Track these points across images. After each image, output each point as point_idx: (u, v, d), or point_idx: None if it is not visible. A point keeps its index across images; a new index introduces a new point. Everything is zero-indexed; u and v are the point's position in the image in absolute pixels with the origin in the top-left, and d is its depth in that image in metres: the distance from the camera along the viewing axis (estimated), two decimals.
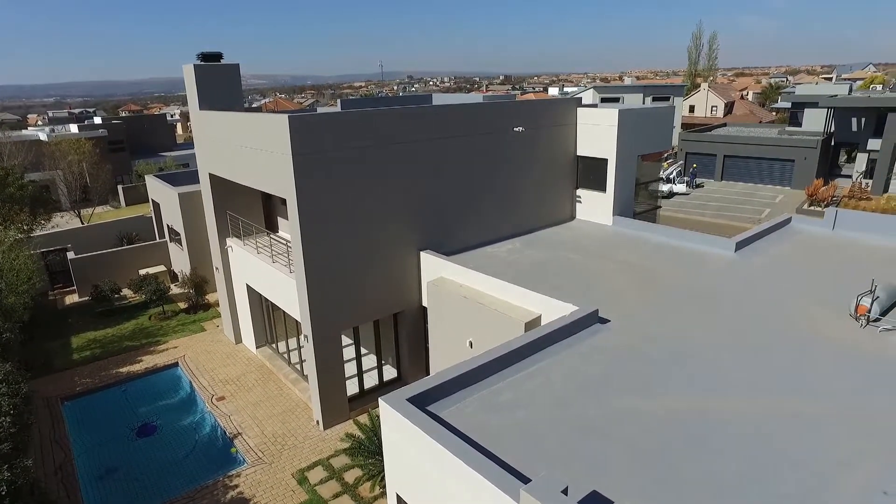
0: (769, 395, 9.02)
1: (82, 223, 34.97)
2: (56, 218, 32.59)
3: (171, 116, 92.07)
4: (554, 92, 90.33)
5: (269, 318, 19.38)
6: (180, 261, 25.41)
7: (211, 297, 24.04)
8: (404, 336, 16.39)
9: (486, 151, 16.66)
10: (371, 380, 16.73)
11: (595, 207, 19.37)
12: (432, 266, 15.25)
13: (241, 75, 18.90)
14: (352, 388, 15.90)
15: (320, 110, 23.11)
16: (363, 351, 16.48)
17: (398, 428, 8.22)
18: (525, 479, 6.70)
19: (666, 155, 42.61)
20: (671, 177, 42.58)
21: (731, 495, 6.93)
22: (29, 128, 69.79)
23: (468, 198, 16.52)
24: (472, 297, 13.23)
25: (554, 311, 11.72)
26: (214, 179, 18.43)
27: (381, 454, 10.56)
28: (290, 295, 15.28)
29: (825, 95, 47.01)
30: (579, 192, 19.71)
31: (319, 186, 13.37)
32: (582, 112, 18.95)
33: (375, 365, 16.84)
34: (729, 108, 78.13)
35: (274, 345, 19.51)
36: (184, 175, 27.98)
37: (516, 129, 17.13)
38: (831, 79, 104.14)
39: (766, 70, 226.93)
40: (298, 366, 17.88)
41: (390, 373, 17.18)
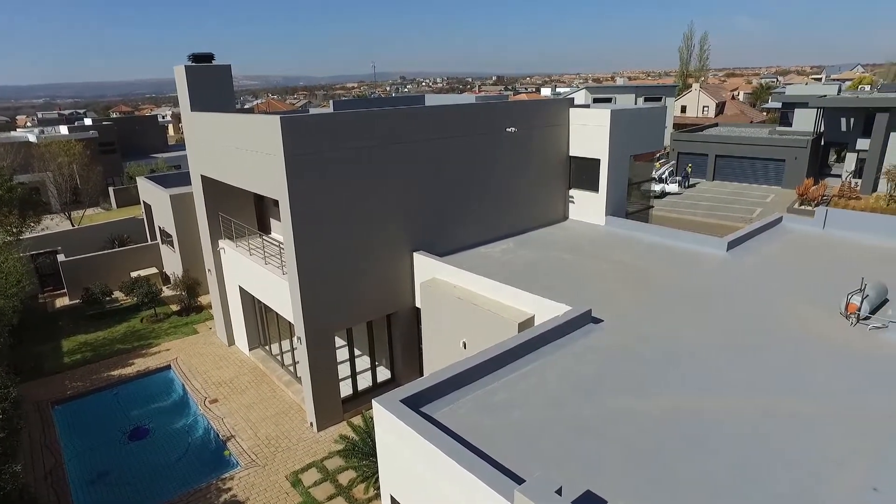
0: (761, 394, 9.07)
1: (73, 225, 34.68)
2: (46, 220, 32.26)
3: (163, 118, 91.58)
4: (546, 92, 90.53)
5: (262, 320, 19.29)
6: (172, 263, 25.26)
7: (203, 300, 23.90)
8: (398, 337, 16.36)
9: (480, 152, 16.67)
10: (365, 381, 16.70)
11: (588, 207, 19.43)
12: (425, 267, 15.24)
13: (233, 76, 18.82)
14: (345, 389, 15.86)
15: (312, 111, 23.06)
16: (357, 352, 16.45)
17: (392, 429, 8.20)
18: (519, 480, 6.71)
19: (658, 155, 42.87)
20: (663, 177, 42.78)
21: (725, 494, 6.95)
22: (18, 129, 69.14)
23: (461, 198, 16.53)
24: (465, 298, 13.23)
25: (547, 311, 11.74)
26: (206, 181, 18.33)
27: (375, 456, 10.55)
28: (282, 296, 15.22)
29: (815, 96, 47.42)
30: (572, 192, 19.76)
31: (312, 188, 13.33)
32: (574, 112, 19.00)
33: (369, 366, 16.81)
34: (720, 108, 78.65)
35: (267, 347, 19.43)
36: (175, 177, 27.82)
37: (509, 129, 17.16)
38: (821, 79, 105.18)
39: (756, 70, 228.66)
40: (292, 368, 17.81)
41: (384, 374, 17.14)
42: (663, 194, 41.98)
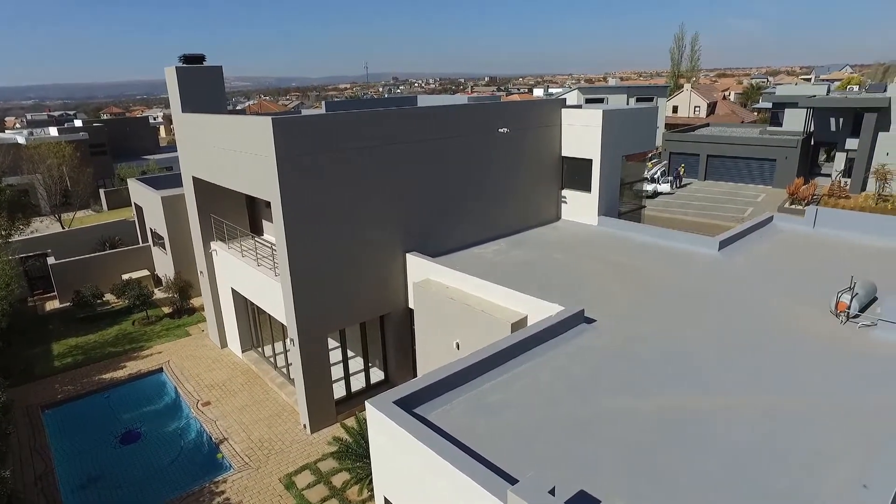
0: (753, 392, 9.13)
1: (63, 228, 34.38)
2: (36, 223, 31.99)
3: (154, 119, 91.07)
4: (539, 93, 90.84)
5: (254, 322, 19.21)
6: (164, 265, 25.10)
7: (196, 302, 23.77)
8: (391, 338, 16.33)
9: (472, 152, 16.68)
10: (358, 382, 16.66)
11: (580, 208, 19.48)
12: (418, 268, 15.22)
13: (225, 77, 18.74)
14: (339, 391, 15.81)
15: (305, 112, 22.99)
16: (350, 354, 16.41)
17: (385, 431, 8.18)
18: (513, 480, 6.71)
19: (650, 155, 43.02)
20: (655, 177, 42.98)
21: (718, 492, 6.99)
22: (6, 131, 68.44)
23: (454, 199, 16.52)
24: (458, 299, 13.23)
25: (540, 311, 11.76)
26: (198, 182, 18.23)
27: (368, 457, 10.50)
28: (275, 298, 15.15)
29: (804, 96, 47.83)
30: (564, 192, 19.81)
31: (304, 189, 13.29)
32: (567, 113, 19.06)
33: (362, 368, 16.77)
34: (711, 108, 79.12)
35: (260, 349, 19.34)
36: (167, 178, 27.68)
37: (501, 130, 17.18)
38: (810, 79, 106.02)
39: (747, 71, 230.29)
40: (285, 369, 17.74)
41: (377, 375, 17.11)
42: (655, 194, 42.18)
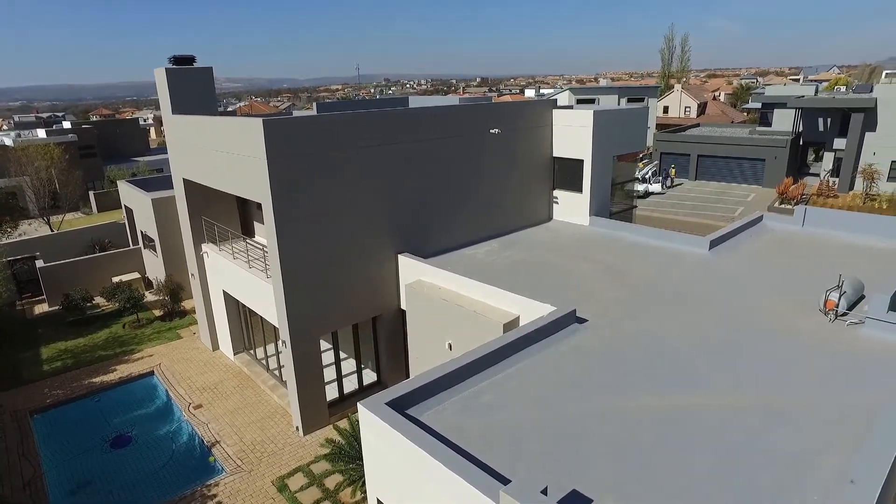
0: (743, 390, 9.21)
1: (52, 230, 34.07)
2: (24, 225, 31.69)
3: (144, 121, 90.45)
4: (530, 94, 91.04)
5: (246, 324, 19.12)
6: (155, 267, 24.94)
7: (187, 304, 23.62)
8: (383, 339, 16.32)
9: (464, 153, 16.70)
10: (350, 384, 16.63)
11: (572, 208, 19.56)
12: (410, 269, 15.22)
13: (216, 79, 18.66)
14: (331, 392, 15.78)
15: (296, 114, 22.93)
16: (342, 355, 16.37)
17: (378, 432, 8.18)
18: (505, 481, 6.74)
19: (641, 155, 43.27)
20: (646, 177, 43.22)
21: (708, 489, 7.05)
22: None
23: (446, 200, 16.54)
24: (450, 299, 13.24)
25: (532, 311, 11.79)
26: (189, 184, 18.13)
27: (361, 459, 10.49)
28: (267, 300, 15.10)
29: (793, 96, 48.24)
30: (556, 192, 19.88)
31: (295, 190, 13.26)
32: (558, 114, 19.12)
33: (355, 369, 16.74)
34: (702, 108, 79.68)
35: (252, 351, 19.26)
36: (157, 180, 27.52)
37: (493, 130, 17.22)
38: (799, 80, 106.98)
39: (737, 71, 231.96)
40: (277, 372, 17.67)
41: (370, 377, 17.08)
42: (647, 194, 42.41)
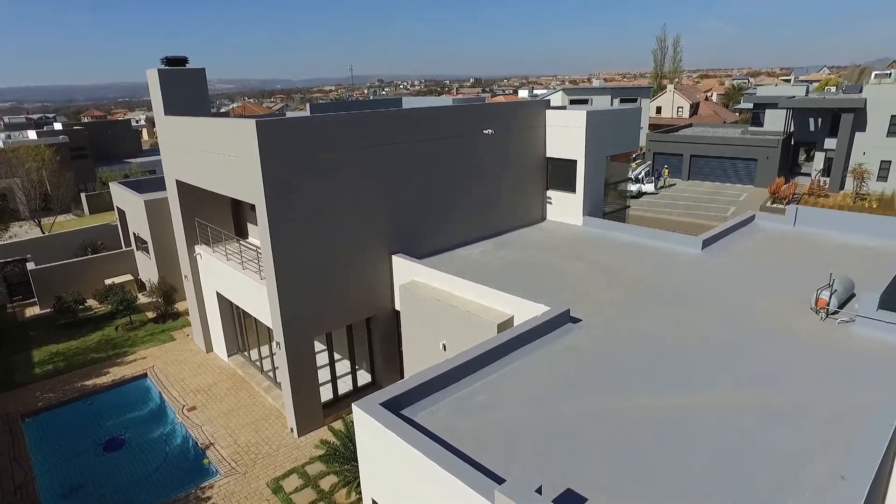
0: (737, 389, 9.27)
1: (43, 232, 33.83)
2: (14, 228, 31.45)
3: (136, 122, 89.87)
4: (524, 94, 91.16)
5: (240, 326, 19.05)
6: (148, 269, 24.81)
7: (180, 306, 23.51)
8: (378, 340, 16.31)
9: (458, 154, 16.73)
10: (345, 385, 16.61)
11: (565, 208, 19.63)
12: (404, 269, 15.23)
13: (208, 80, 18.60)
14: (326, 394, 15.75)
15: (289, 115, 22.89)
16: (336, 356, 16.36)
17: (372, 433, 8.18)
18: (500, 480, 6.76)
19: (634, 155, 43.45)
20: (640, 177, 43.40)
21: (703, 488, 7.09)
22: None
23: (439, 201, 16.56)
24: (444, 300, 13.26)
25: (526, 311, 11.83)
26: (182, 186, 18.06)
27: (356, 460, 10.47)
28: (261, 301, 15.06)
29: (784, 97, 48.60)
30: (549, 193, 19.94)
31: (289, 192, 13.23)
32: (551, 114, 19.19)
33: (349, 370, 16.72)
34: (694, 108, 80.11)
35: (246, 353, 19.20)
36: (150, 182, 27.33)
37: (486, 131, 17.26)
38: (790, 80, 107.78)
39: (728, 72, 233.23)
40: (271, 373, 17.63)
41: (364, 378, 17.07)
42: (640, 194, 42.59)
